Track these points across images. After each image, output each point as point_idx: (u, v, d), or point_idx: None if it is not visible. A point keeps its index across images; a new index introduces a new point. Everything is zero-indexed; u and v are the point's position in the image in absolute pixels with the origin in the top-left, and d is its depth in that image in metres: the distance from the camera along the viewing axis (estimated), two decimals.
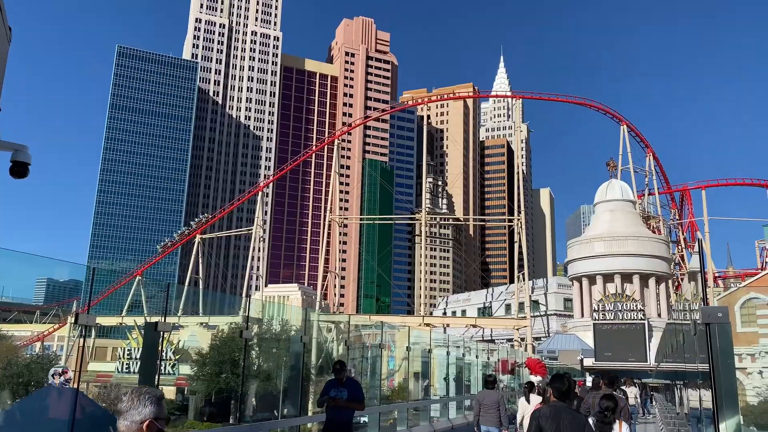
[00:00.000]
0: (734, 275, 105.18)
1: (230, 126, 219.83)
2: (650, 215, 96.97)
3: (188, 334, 58.28)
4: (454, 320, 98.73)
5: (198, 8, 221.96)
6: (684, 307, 49.77)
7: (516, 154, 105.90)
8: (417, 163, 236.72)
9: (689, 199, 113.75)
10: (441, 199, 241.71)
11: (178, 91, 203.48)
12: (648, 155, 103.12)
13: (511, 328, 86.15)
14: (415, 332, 39.74)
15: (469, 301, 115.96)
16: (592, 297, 73.59)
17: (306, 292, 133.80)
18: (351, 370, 17.70)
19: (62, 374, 14.24)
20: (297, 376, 16.07)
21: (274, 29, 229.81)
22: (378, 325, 33.74)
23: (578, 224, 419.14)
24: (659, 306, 74.40)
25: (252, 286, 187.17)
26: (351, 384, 11.82)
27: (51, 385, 14.16)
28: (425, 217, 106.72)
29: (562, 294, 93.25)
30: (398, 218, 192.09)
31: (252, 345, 32.28)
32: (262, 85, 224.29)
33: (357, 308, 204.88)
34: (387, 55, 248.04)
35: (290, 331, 34.89)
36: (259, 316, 42.36)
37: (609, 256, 74.48)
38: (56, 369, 13.75)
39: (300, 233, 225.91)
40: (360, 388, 11.99)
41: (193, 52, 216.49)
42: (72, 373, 15.03)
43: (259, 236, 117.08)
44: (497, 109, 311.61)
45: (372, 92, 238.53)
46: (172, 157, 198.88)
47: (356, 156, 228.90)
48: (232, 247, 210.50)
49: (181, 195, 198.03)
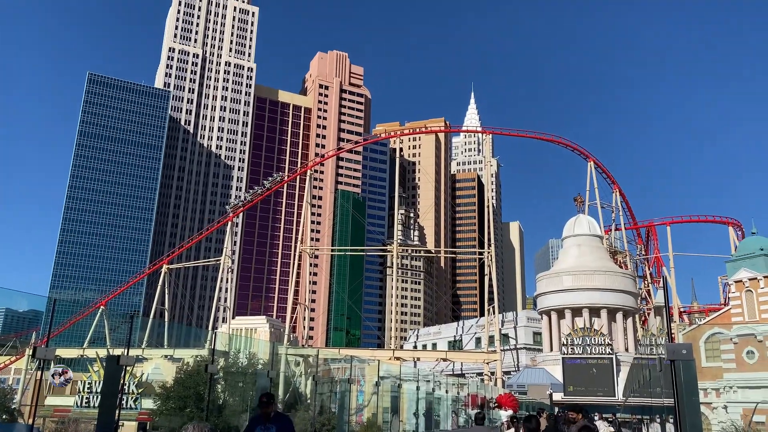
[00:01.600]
0: (699, 310, 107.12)
1: (201, 155, 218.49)
2: (617, 250, 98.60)
3: (152, 367, 56.83)
4: (424, 354, 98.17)
5: (172, 38, 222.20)
6: (650, 342, 50.67)
7: (486, 187, 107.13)
8: (389, 195, 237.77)
9: (655, 234, 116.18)
10: (413, 231, 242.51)
11: (148, 119, 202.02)
12: (614, 191, 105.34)
13: (481, 362, 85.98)
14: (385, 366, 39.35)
15: (439, 335, 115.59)
16: (561, 331, 74.02)
17: (274, 324, 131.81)
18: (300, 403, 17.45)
19: (62, 374, 13.82)
20: None
21: (248, 60, 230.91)
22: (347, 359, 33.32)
23: (547, 258, 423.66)
24: (626, 340, 75.14)
25: (219, 318, 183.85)
26: (279, 420, 10.74)
27: (3, 423, 13.73)
28: (397, 249, 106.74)
29: (532, 327, 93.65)
30: (370, 250, 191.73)
31: (218, 379, 31.56)
32: (234, 114, 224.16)
33: (327, 341, 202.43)
34: (360, 88, 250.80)
35: (257, 364, 34.26)
36: (226, 349, 41.53)
37: (577, 290, 75.25)
38: (56, 369, 13.34)
39: (269, 264, 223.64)
40: (290, 425, 10.86)
41: (165, 81, 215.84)
42: (72, 373, 14.54)
43: (228, 267, 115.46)
44: (468, 144, 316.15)
45: (345, 124, 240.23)
46: (141, 186, 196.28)
47: (328, 187, 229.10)
48: (200, 277, 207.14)
49: (148, 224, 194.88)
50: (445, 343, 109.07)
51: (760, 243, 67.56)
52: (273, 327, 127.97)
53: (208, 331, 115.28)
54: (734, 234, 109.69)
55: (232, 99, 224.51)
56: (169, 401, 40.45)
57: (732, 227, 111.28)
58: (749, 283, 65.32)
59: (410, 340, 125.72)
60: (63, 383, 12.53)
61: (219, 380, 32.45)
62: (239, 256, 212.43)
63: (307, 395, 39.59)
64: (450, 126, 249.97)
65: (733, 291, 67.39)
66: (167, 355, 63.43)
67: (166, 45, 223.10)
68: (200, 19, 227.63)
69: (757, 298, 64.52)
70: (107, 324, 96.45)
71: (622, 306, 75.41)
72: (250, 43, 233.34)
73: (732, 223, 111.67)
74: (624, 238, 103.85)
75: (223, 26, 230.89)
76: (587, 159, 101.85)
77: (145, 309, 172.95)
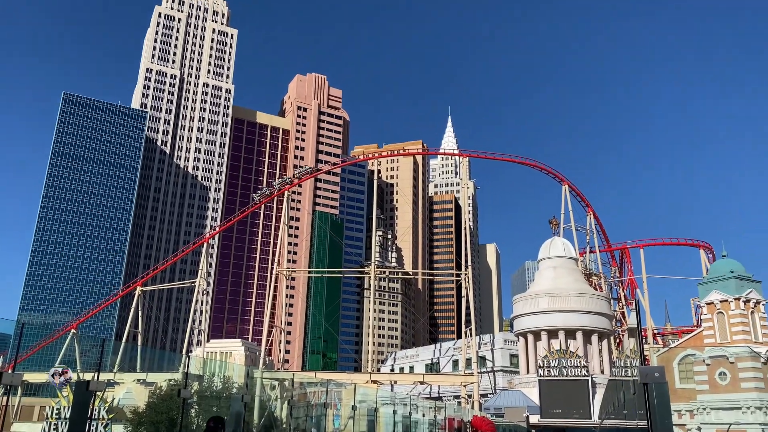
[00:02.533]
0: (672, 332, 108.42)
1: (177, 176, 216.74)
2: (592, 272, 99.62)
3: (123, 392, 55.68)
4: (401, 377, 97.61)
5: (149, 59, 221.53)
6: (625, 364, 51.40)
7: (463, 209, 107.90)
8: (367, 217, 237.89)
9: (628, 257, 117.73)
10: (390, 253, 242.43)
11: (124, 140, 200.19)
12: (589, 214, 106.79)
13: (459, 385, 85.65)
14: (362, 390, 39.03)
15: (417, 357, 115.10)
16: (538, 353, 74.24)
17: (250, 348, 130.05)
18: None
19: (62, 374, 13.55)
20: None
21: (226, 82, 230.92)
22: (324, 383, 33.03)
23: (523, 280, 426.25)
24: (602, 362, 75.61)
25: (194, 341, 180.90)
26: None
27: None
28: (374, 271, 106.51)
29: (509, 350, 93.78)
30: (347, 271, 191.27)
31: (191, 403, 31.01)
32: (212, 135, 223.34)
33: (303, 365, 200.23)
34: (339, 110, 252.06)
35: (232, 388, 33.76)
36: (200, 373, 40.90)
37: (553, 313, 75.71)
38: (56, 369, 13.09)
39: (245, 287, 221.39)
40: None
41: (142, 102, 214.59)
42: (72, 373, 14.22)
43: (203, 289, 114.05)
44: (446, 166, 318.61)
45: (323, 146, 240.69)
46: (115, 206, 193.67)
47: (306, 208, 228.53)
48: (174, 300, 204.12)
49: (122, 245, 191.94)
50: (423, 366, 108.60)
51: (731, 266, 68.85)
52: (248, 350, 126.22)
53: (182, 354, 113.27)
54: (706, 257, 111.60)
55: (209, 120, 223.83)
56: (141, 427, 39.63)
57: (703, 250, 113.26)
58: (720, 305, 66.42)
59: (387, 363, 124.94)
60: (63, 383, 12.17)
61: (192, 404, 31.88)
62: (215, 278, 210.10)
63: (283, 420, 39.06)
64: (427, 148, 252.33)
65: (705, 313, 68.43)
66: (140, 379, 62.21)
67: (143, 66, 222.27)
68: (178, 41, 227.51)
69: (728, 320, 65.56)
70: (78, 348, 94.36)
71: (597, 328, 76.01)
72: (228, 65, 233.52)
73: (703, 246, 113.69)
74: (598, 261, 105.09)
75: (202, 48, 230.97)
76: (562, 182, 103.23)
77: (118, 332, 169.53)
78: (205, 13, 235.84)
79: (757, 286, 67.45)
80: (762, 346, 63.52)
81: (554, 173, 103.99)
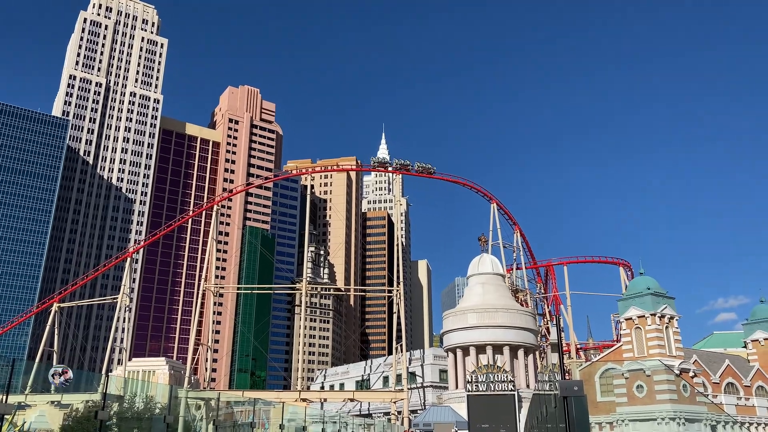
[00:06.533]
0: (594, 347, 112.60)
1: (101, 187, 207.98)
2: (518, 288, 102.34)
3: (36, 415, 52.59)
4: (331, 394, 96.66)
5: (73, 65, 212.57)
6: (549, 378, 52.26)
7: (396, 226, 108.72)
8: (299, 232, 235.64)
9: (553, 274, 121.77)
10: (323, 269, 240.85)
11: (44, 148, 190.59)
12: (516, 232, 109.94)
13: (389, 401, 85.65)
14: (291, 408, 38.42)
15: (347, 374, 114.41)
16: (466, 368, 75.33)
17: (174, 366, 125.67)
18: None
19: (62, 374, 12.71)
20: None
21: (155, 91, 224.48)
22: (251, 402, 32.29)
23: (453, 296, 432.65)
24: (528, 376, 77.53)
25: (114, 360, 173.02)
26: None
27: None
28: (306, 287, 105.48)
29: (438, 365, 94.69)
30: (278, 288, 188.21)
31: (110, 425, 29.63)
32: (138, 146, 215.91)
33: (230, 383, 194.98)
34: (272, 124, 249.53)
35: (155, 409, 32.51)
36: (121, 393, 39.24)
37: (481, 328, 77.18)
38: (56, 369, 12.26)
39: (171, 303, 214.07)
40: None
41: (64, 110, 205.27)
42: (71, 373, 13.30)
43: (125, 306, 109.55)
44: (379, 183, 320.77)
45: (255, 160, 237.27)
46: (32, 218, 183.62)
47: (236, 223, 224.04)
48: (95, 317, 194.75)
49: (39, 259, 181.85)
50: (353, 383, 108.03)
51: (647, 283, 72.40)
52: (173, 369, 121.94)
53: (101, 374, 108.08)
54: (625, 274, 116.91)
55: (136, 130, 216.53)
56: None
57: (623, 267, 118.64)
58: (638, 320, 69.61)
59: (318, 381, 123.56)
60: (63, 384, 11.23)
61: (111, 426, 30.46)
62: (138, 295, 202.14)
63: None
64: (361, 165, 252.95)
65: (624, 328, 71.54)
66: (54, 401, 58.86)
67: (66, 72, 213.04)
68: (105, 48, 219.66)
69: (645, 335, 68.75)
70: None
71: (523, 343, 77.98)
72: (157, 75, 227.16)
73: (622, 264, 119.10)
74: (525, 277, 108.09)
75: (130, 56, 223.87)
76: (491, 200, 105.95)
77: (32, 351, 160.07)
78: (134, 21, 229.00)
79: (671, 302, 71.16)
80: (675, 360, 66.89)
81: (484, 192, 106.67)
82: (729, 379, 72.14)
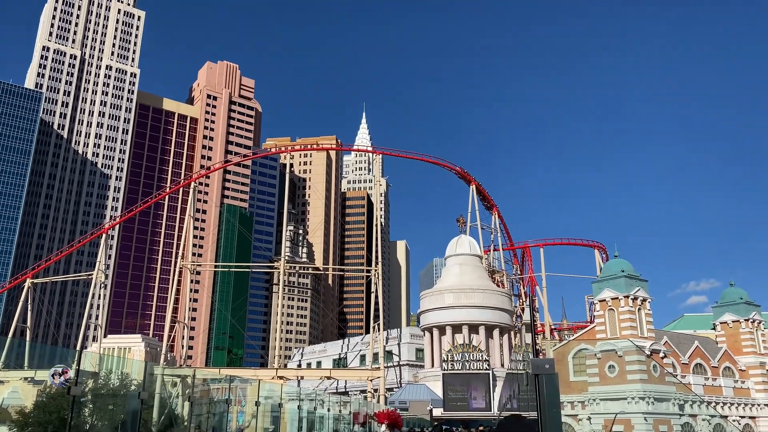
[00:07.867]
0: (568, 327, 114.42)
1: (75, 162, 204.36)
2: (495, 270, 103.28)
3: (9, 391, 52.19)
4: (308, 372, 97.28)
5: (46, 36, 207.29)
6: (522, 357, 53.20)
7: (375, 206, 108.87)
8: (278, 211, 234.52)
9: (529, 255, 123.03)
10: (301, 248, 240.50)
11: (16, 121, 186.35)
12: (494, 214, 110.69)
13: (365, 379, 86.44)
14: (268, 386, 38.60)
15: (324, 352, 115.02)
16: (442, 347, 76.19)
17: (150, 343, 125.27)
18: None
19: (62, 374, 12.69)
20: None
21: (132, 65, 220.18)
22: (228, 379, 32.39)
23: (431, 276, 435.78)
24: (502, 356, 78.71)
25: (89, 337, 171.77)
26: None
27: None
28: (284, 266, 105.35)
29: (415, 344, 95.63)
30: (256, 266, 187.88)
31: (85, 402, 29.53)
32: (114, 121, 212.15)
33: (207, 361, 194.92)
34: (251, 101, 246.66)
35: (130, 386, 32.45)
36: (96, 370, 39.04)
37: (458, 308, 77.97)
38: (56, 369, 12.20)
39: (147, 280, 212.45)
40: None
41: (38, 82, 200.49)
42: (71, 373, 13.28)
43: (101, 282, 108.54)
44: (359, 163, 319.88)
45: (234, 137, 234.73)
46: (4, 193, 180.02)
47: (214, 201, 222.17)
48: (69, 293, 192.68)
49: (11, 235, 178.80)
50: (330, 361, 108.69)
51: (622, 265, 73.54)
52: (149, 346, 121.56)
53: (75, 351, 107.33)
54: (599, 256, 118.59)
55: (111, 105, 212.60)
56: (28, 427, 37.25)
57: (598, 250, 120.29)
58: (612, 302, 70.84)
59: (295, 359, 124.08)
60: (63, 384, 11.13)
61: (86, 403, 30.34)
62: (114, 271, 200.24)
63: (184, 417, 37.93)
64: (341, 144, 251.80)
65: (597, 310, 72.80)
66: (27, 377, 58.34)
67: (39, 43, 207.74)
68: (80, 19, 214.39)
69: (618, 316, 70.04)
70: None
71: (498, 323, 79.01)
72: (134, 48, 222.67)
73: (597, 246, 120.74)
74: (501, 259, 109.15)
75: (105, 28, 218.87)
76: (470, 182, 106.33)
77: (4, 327, 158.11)
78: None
79: (644, 284, 72.45)
80: (647, 341, 68.34)
81: (463, 173, 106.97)
82: (697, 359, 73.98)
